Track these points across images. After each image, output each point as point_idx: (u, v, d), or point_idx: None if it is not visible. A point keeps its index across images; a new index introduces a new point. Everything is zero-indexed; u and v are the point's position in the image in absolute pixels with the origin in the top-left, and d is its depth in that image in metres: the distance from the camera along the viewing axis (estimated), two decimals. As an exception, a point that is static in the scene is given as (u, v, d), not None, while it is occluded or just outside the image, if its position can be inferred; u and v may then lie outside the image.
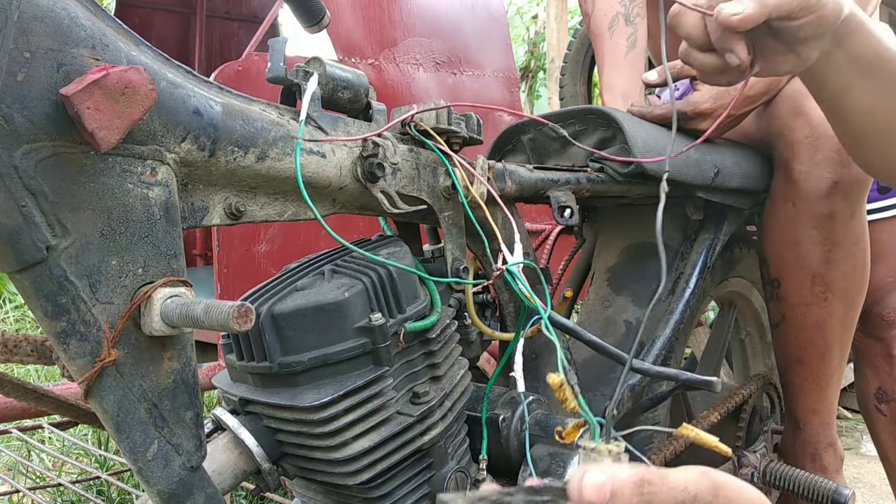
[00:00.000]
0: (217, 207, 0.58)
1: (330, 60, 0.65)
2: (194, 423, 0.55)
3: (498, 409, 0.78)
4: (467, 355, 0.76)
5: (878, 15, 2.34)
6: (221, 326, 0.46)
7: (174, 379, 0.53)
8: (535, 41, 6.52)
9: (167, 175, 0.52)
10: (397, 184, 0.69)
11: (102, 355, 0.49)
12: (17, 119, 0.43)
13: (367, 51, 2.08)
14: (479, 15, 2.45)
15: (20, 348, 0.62)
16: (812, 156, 1.06)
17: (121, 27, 0.50)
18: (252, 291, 0.66)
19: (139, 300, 0.50)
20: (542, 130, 0.99)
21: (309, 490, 0.70)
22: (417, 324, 0.66)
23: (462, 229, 0.76)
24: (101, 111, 0.44)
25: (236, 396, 0.65)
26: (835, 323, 1.16)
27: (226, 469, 0.62)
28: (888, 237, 1.28)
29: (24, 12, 0.43)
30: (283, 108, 0.62)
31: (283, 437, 0.64)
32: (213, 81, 0.57)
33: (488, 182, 0.78)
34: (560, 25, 4.66)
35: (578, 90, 3.01)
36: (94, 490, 1.92)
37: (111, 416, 0.51)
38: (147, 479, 0.53)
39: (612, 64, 1.24)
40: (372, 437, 0.63)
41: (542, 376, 0.90)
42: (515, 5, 6.84)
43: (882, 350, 1.34)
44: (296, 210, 0.64)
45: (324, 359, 0.62)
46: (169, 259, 0.52)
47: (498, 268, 0.71)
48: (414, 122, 0.71)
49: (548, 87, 5.26)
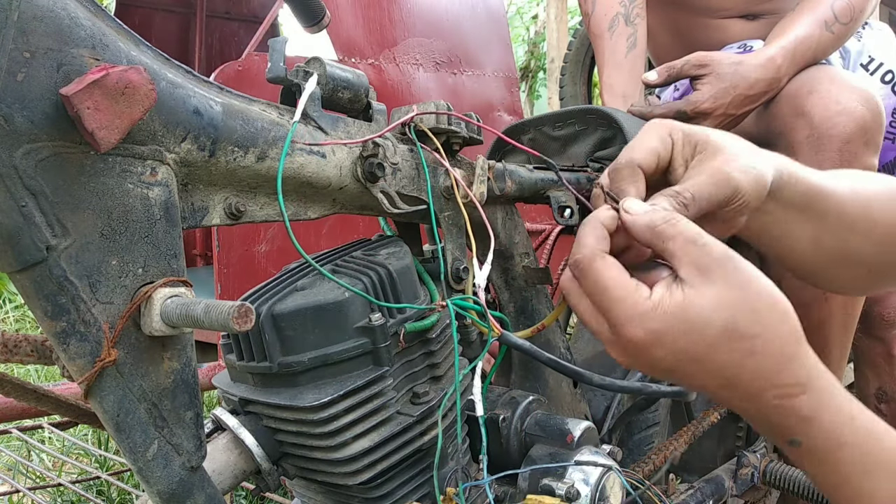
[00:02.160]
0: (217, 207, 0.58)
1: (330, 60, 0.65)
2: (194, 423, 0.55)
3: (498, 409, 0.78)
4: (467, 355, 0.76)
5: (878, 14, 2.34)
6: (221, 326, 0.46)
7: (174, 379, 0.53)
8: (535, 41, 6.52)
9: (167, 175, 0.52)
10: (397, 184, 0.69)
11: (102, 355, 0.49)
12: (17, 119, 0.43)
13: (367, 51, 2.08)
14: (479, 15, 2.45)
15: (20, 348, 0.62)
16: (813, 156, 1.06)
17: (121, 27, 0.50)
18: (252, 291, 0.66)
19: (139, 300, 0.50)
20: (541, 130, 0.99)
21: (309, 490, 0.70)
22: (417, 324, 0.66)
23: (462, 229, 0.76)
24: (101, 111, 0.44)
25: (236, 396, 0.65)
26: (835, 323, 1.16)
27: (226, 469, 0.62)
28: (888, 237, 1.28)
29: (24, 12, 0.43)
30: (283, 108, 0.62)
31: (283, 437, 0.64)
32: (213, 81, 0.57)
33: (488, 182, 0.78)
34: (560, 25, 4.66)
35: (578, 90, 3.01)
36: (94, 490, 1.92)
37: (111, 416, 0.51)
38: (147, 479, 0.53)
39: (612, 64, 1.24)
40: (372, 437, 0.63)
41: (541, 376, 0.90)
42: (515, 5, 6.85)
43: (882, 350, 1.34)
44: (296, 210, 0.64)
45: (324, 359, 0.62)
46: (169, 259, 0.52)
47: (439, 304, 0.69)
48: (413, 122, 0.71)
49: (548, 87, 5.26)
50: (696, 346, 0.51)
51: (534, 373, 0.90)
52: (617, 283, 0.52)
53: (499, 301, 0.90)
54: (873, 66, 1.28)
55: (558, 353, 0.91)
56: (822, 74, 1.08)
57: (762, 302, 0.51)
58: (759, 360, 0.51)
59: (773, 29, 1.17)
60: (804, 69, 1.11)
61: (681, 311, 0.50)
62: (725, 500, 1.15)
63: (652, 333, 0.51)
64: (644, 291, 0.52)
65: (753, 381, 0.51)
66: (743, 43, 1.29)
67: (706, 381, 0.53)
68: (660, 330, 0.51)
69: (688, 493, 1.08)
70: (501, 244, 0.86)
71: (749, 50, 1.24)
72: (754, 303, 0.51)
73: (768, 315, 0.51)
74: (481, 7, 2.47)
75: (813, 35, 1.11)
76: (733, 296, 0.50)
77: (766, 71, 1.08)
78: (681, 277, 0.52)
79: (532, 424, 0.77)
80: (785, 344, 0.51)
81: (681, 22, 1.38)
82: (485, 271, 0.71)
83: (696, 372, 0.52)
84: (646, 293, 0.52)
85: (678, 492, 1.06)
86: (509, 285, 0.89)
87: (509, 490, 0.74)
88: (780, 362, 0.51)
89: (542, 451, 0.74)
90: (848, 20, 1.14)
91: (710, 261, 0.51)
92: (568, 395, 0.93)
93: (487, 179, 0.76)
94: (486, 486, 0.65)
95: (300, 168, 0.61)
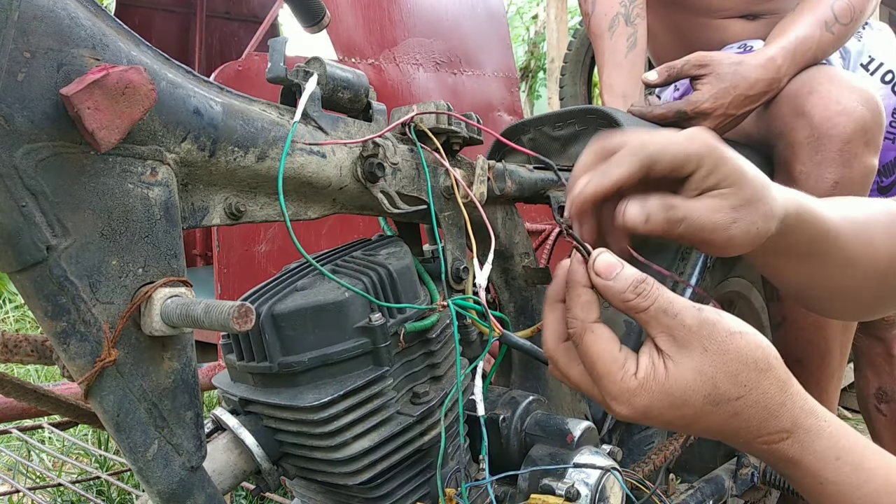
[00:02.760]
0: (217, 207, 0.58)
1: (330, 60, 0.65)
2: (194, 423, 0.55)
3: (498, 409, 0.78)
4: (467, 355, 0.76)
5: (878, 14, 2.34)
6: (221, 326, 0.46)
7: (174, 379, 0.53)
8: (535, 41, 6.53)
9: (167, 175, 0.52)
10: (397, 184, 0.69)
11: (102, 355, 0.49)
12: (17, 119, 0.43)
13: (367, 51, 2.08)
14: (479, 15, 2.45)
15: (20, 348, 0.62)
16: (813, 156, 1.06)
17: (121, 27, 0.50)
18: (252, 291, 0.66)
19: (139, 300, 0.50)
20: (542, 130, 0.99)
21: (309, 490, 0.70)
22: (417, 324, 0.66)
23: (462, 229, 0.76)
24: (102, 111, 0.44)
25: (236, 396, 0.65)
26: (835, 323, 1.16)
27: (226, 469, 0.62)
28: (888, 237, 1.28)
29: (24, 12, 0.43)
30: (283, 108, 0.62)
31: (284, 437, 0.64)
32: (213, 81, 0.57)
33: (488, 182, 0.78)
34: (560, 25, 4.66)
35: (578, 90, 3.01)
36: (94, 490, 1.92)
37: (111, 416, 0.51)
38: (147, 479, 0.53)
39: (612, 64, 1.24)
40: (372, 437, 0.63)
41: (541, 376, 0.90)
42: (515, 5, 6.85)
43: (882, 350, 1.34)
44: (296, 210, 0.64)
45: (324, 359, 0.62)
46: (169, 259, 0.52)
47: (440, 304, 0.70)
48: (413, 122, 0.71)
49: (548, 87, 5.26)
50: (683, 417, 0.53)
51: (534, 373, 0.90)
52: (606, 358, 0.53)
53: (499, 301, 0.90)
54: (873, 66, 1.28)
55: (558, 353, 0.91)
56: (822, 74, 1.08)
57: (741, 363, 0.52)
58: (742, 419, 0.53)
59: (774, 29, 1.17)
60: (804, 69, 1.11)
61: (665, 387, 0.52)
62: (725, 500, 1.16)
63: (638, 409, 0.53)
64: (631, 367, 0.53)
65: (740, 436, 0.54)
66: (743, 43, 1.29)
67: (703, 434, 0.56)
68: (647, 406, 0.52)
69: (688, 493, 1.08)
70: (501, 244, 0.86)
71: (749, 50, 1.24)
72: (732, 366, 0.52)
73: (748, 375, 0.52)
74: (481, 7, 2.47)
75: (813, 35, 1.11)
76: (710, 364, 0.52)
77: (766, 71, 1.08)
78: (658, 347, 0.53)
79: (532, 424, 0.77)
80: (768, 398, 0.53)
81: (681, 22, 1.38)
82: (485, 271, 0.71)
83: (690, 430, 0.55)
84: (632, 368, 0.53)
85: (678, 492, 1.06)
86: (509, 285, 0.89)
87: (509, 490, 0.74)
88: (764, 416, 0.53)
89: (543, 451, 0.74)
90: (848, 20, 1.14)
91: (684, 332, 0.52)
92: (568, 395, 0.93)
93: (487, 179, 0.76)
94: (488, 485, 0.65)
95: (300, 168, 0.61)
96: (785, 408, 0.53)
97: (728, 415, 0.53)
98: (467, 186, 0.73)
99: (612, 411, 0.54)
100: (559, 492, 0.68)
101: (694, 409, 0.52)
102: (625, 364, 0.53)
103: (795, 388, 0.54)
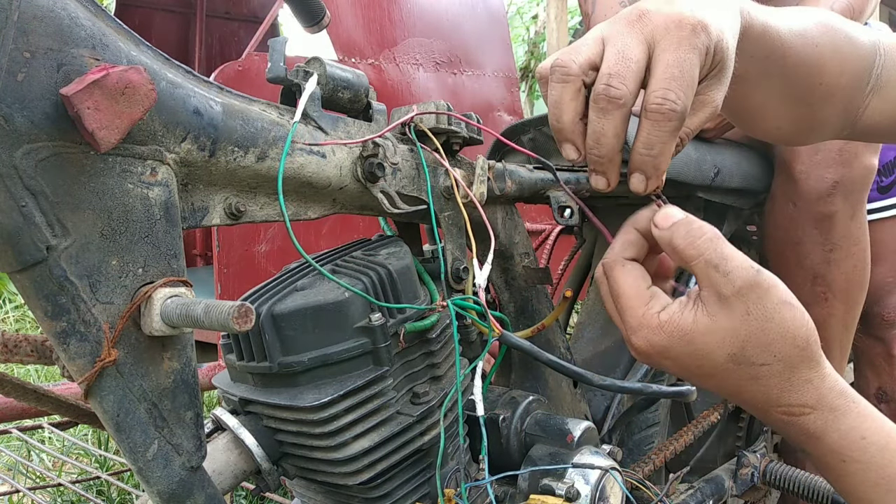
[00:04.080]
0: (217, 207, 0.58)
1: (330, 60, 0.65)
2: (194, 423, 0.55)
3: (498, 409, 0.78)
4: (467, 355, 0.76)
5: (878, 14, 2.33)
6: (221, 326, 0.46)
7: (174, 379, 0.53)
8: (535, 41, 6.53)
9: (167, 175, 0.52)
10: (397, 184, 0.69)
11: (102, 355, 0.49)
12: (17, 119, 0.43)
13: (367, 51, 2.09)
14: (479, 15, 2.46)
15: (20, 348, 0.62)
16: (812, 156, 1.07)
17: (121, 27, 0.50)
18: (252, 291, 0.66)
19: (139, 300, 0.50)
20: (542, 130, 0.99)
21: (309, 490, 0.70)
22: (417, 324, 0.66)
23: (462, 229, 0.76)
24: (101, 111, 0.44)
25: (236, 396, 0.65)
26: (835, 323, 1.16)
27: (226, 469, 0.62)
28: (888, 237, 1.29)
29: (24, 12, 0.43)
30: (283, 108, 0.62)
31: (283, 437, 0.64)
32: (213, 81, 0.57)
33: (488, 182, 0.78)
34: (560, 25, 4.66)
35: (578, 90, 3.00)
36: (94, 490, 1.92)
37: (111, 416, 0.51)
38: (147, 479, 0.53)
39: (612, 64, 1.24)
40: (372, 437, 0.63)
41: (541, 376, 0.90)
42: (515, 5, 6.85)
43: (882, 350, 1.34)
44: (296, 210, 0.64)
45: (324, 359, 0.62)
46: (169, 259, 0.52)
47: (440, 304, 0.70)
48: (413, 122, 0.71)
49: (548, 87, 5.25)
50: (701, 368, 0.53)
51: (534, 373, 0.90)
52: (630, 293, 0.54)
53: (499, 301, 0.90)
54: (873, 66, 1.28)
55: (558, 354, 0.91)
56: (823, 74, 1.08)
57: (779, 334, 0.52)
58: (761, 384, 0.53)
59: (774, 29, 1.17)
60: None
61: (686, 334, 0.52)
62: (725, 500, 1.16)
63: (655, 347, 0.53)
64: (656, 305, 0.54)
65: (756, 400, 0.54)
66: (743, 43, 1.29)
67: (714, 389, 0.56)
68: (665, 347, 0.53)
69: (688, 493, 1.08)
70: (501, 244, 0.86)
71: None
72: (770, 335, 0.52)
73: (781, 347, 0.52)
74: (481, 7, 2.47)
75: None
76: (747, 327, 0.52)
77: None
78: (701, 298, 0.53)
79: (532, 424, 0.77)
80: (792, 372, 0.53)
81: (681, 22, 1.38)
82: (485, 271, 0.71)
83: (702, 383, 0.55)
84: (657, 307, 0.54)
85: (678, 492, 1.06)
86: (509, 285, 0.89)
87: (509, 490, 0.74)
88: (785, 387, 0.53)
89: (542, 450, 0.74)
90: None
91: (731, 291, 0.52)
92: (568, 395, 0.93)
93: (487, 179, 0.76)
94: (488, 485, 0.65)
95: (300, 168, 0.61)
96: (811, 385, 0.53)
97: (747, 377, 0.53)
98: (467, 186, 0.73)
99: (630, 345, 0.55)
100: (559, 492, 0.68)
101: (714, 364, 0.53)
102: (650, 301, 0.54)
103: (827, 371, 0.55)
